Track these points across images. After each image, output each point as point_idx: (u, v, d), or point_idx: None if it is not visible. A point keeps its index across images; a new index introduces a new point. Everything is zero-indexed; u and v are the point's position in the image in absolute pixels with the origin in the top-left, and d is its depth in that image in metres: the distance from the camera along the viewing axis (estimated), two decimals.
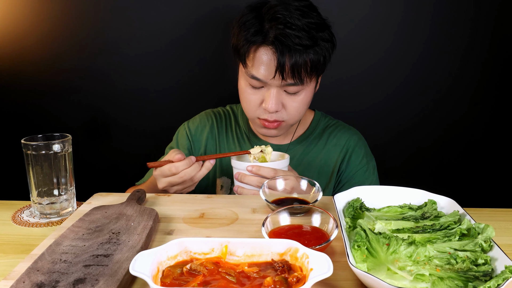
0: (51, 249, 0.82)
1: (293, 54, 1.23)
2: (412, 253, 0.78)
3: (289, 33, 1.22)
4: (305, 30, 1.23)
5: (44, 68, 1.90)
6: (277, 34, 1.23)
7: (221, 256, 0.75)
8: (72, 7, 1.83)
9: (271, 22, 1.25)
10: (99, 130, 1.97)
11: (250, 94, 1.34)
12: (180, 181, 1.22)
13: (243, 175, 1.22)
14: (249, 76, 1.30)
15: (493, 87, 1.89)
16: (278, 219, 0.92)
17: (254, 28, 1.27)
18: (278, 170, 1.20)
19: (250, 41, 1.27)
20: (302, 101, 1.34)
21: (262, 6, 1.30)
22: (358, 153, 1.50)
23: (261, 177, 1.19)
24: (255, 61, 1.28)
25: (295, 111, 1.35)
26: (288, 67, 1.24)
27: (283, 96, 1.32)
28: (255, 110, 1.36)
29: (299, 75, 1.26)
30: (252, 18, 1.28)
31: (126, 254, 0.80)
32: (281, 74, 1.24)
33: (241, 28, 1.29)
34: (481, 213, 1.10)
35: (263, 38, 1.25)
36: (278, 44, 1.23)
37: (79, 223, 0.94)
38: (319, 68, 1.31)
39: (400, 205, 0.99)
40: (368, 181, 1.47)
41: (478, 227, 0.83)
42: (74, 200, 1.14)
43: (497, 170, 1.98)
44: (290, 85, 1.28)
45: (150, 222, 0.94)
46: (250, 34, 1.26)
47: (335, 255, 0.85)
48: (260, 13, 1.29)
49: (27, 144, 1.06)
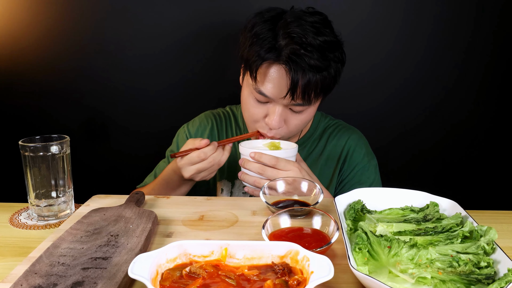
0: (49, 252, 0.82)
1: (307, 75, 1.22)
2: (414, 256, 0.78)
3: (303, 53, 1.20)
4: (319, 51, 1.22)
5: (41, 68, 1.90)
6: (291, 53, 1.21)
7: (221, 259, 0.75)
8: (70, 7, 1.83)
9: (285, 39, 1.23)
10: (97, 131, 1.97)
11: (253, 107, 1.34)
12: (209, 166, 1.25)
13: (246, 161, 1.23)
14: (256, 91, 1.29)
15: (496, 88, 1.89)
16: (278, 222, 0.92)
17: (268, 43, 1.24)
18: (280, 159, 1.20)
19: (263, 58, 1.24)
20: (304, 119, 1.34)
21: (276, 17, 1.28)
22: (359, 152, 1.50)
23: (263, 164, 1.20)
24: (265, 78, 1.26)
25: (295, 128, 1.36)
26: (300, 88, 1.23)
27: (287, 113, 1.32)
28: (256, 123, 1.36)
29: (309, 96, 1.25)
30: (266, 31, 1.26)
31: (125, 257, 0.80)
32: (292, 95, 1.24)
33: (254, 41, 1.26)
34: (484, 215, 1.10)
35: (276, 55, 1.23)
36: (292, 64, 1.21)
37: (77, 226, 0.94)
38: (329, 89, 1.31)
39: (401, 207, 1.00)
40: (370, 180, 1.47)
41: (480, 229, 0.83)
42: (72, 202, 1.14)
43: (499, 172, 1.98)
44: (298, 105, 1.28)
45: (149, 225, 0.94)
46: (264, 50, 1.24)
47: (336, 258, 0.85)
48: (274, 26, 1.26)
49: (25, 145, 1.06)
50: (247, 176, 1.23)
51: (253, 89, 1.30)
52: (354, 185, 1.45)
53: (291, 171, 1.19)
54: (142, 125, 1.96)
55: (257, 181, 1.21)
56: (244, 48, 1.30)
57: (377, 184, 1.48)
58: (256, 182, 1.21)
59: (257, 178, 1.21)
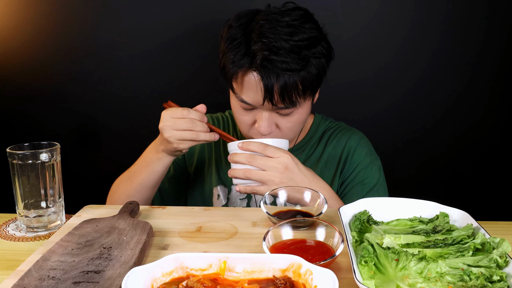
0: (38, 265, 0.83)
1: (281, 78, 1.22)
2: (422, 269, 0.78)
3: (275, 59, 1.21)
4: (294, 52, 1.22)
5: (30, 72, 1.91)
6: (262, 59, 1.21)
7: (220, 273, 0.75)
8: (59, 7, 1.84)
9: (257, 44, 1.23)
10: (89, 138, 1.98)
11: (241, 114, 1.35)
12: (184, 126, 1.24)
13: (234, 154, 1.23)
14: (239, 99, 1.30)
15: (509, 92, 1.89)
16: (280, 233, 0.92)
17: (241, 50, 1.25)
18: (270, 146, 1.20)
19: (237, 65, 1.25)
20: (296, 121, 1.34)
21: (251, 19, 1.28)
22: (360, 151, 1.48)
23: (251, 152, 1.20)
24: (243, 86, 1.27)
25: (290, 131, 1.35)
26: (277, 93, 1.23)
27: (276, 117, 1.32)
28: (248, 130, 1.36)
29: (290, 99, 1.25)
30: (240, 36, 1.27)
31: (118, 270, 0.81)
32: (270, 101, 1.24)
33: (229, 47, 1.27)
34: (496, 226, 1.10)
35: (250, 62, 1.24)
36: (263, 71, 1.21)
37: (68, 237, 0.94)
38: (313, 86, 1.30)
39: (410, 218, 1.00)
40: (374, 180, 1.45)
41: (493, 241, 0.83)
42: (62, 212, 1.15)
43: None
44: (282, 108, 1.28)
45: (144, 236, 0.94)
46: (237, 57, 1.25)
47: (341, 272, 0.85)
48: (247, 30, 1.27)
49: (13, 153, 1.06)
50: (236, 171, 1.23)
51: (236, 97, 1.31)
52: (356, 186, 1.45)
53: (282, 157, 1.19)
54: (137, 131, 1.96)
55: (247, 171, 1.20)
56: (221, 55, 1.31)
57: (382, 186, 1.46)
58: (246, 172, 1.20)
59: (247, 169, 1.21)
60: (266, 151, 1.19)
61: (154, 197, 1.47)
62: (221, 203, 1.49)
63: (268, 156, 1.19)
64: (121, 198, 1.41)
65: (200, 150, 1.55)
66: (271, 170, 1.19)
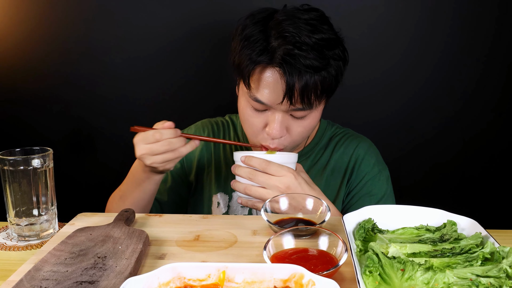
0: (30, 275, 0.83)
1: (303, 76, 1.22)
2: (429, 280, 0.78)
3: (298, 53, 1.20)
4: (316, 50, 1.22)
5: (22, 75, 1.91)
6: (285, 55, 1.21)
7: (219, 283, 0.75)
8: (52, 7, 1.84)
9: (278, 40, 1.23)
10: (83, 143, 1.98)
11: (252, 116, 1.34)
12: (162, 149, 1.23)
13: (237, 166, 1.23)
14: (252, 99, 1.29)
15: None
16: (281, 242, 0.92)
17: (259, 46, 1.25)
18: (272, 163, 1.20)
19: (255, 61, 1.25)
20: (308, 125, 1.34)
21: (268, 18, 1.29)
22: (368, 160, 1.48)
23: (253, 169, 1.20)
24: (260, 83, 1.26)
25: (299, 136, 1.35)
26: (298, 92, 1.23)
27: (289, 120, 1.31)
28: (258, 134, 1.35)
29: (309, 99, 1.25)
30: (258, 33, 1.26)
31: (113, 281, 0.81)
32: (290, 99, 1.23)
33: (245, 44, 1.27)
34: (506, 235, 1.09)
35: (269, 58, 1.23)
36: (286, 66, 1.21)
37: (61, 247, 0.94)
38: (331, 89, 1.31)
39: (416, 227, 1.00)
40: (381, 192, 1.45)
41: (502, 250, 0.84)
42: (55, 221, 1.15)
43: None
44: (298, 110, 1.28)
45: (140, 245, 0.94)
46: (256, 53, 1.24)
47: (345, 282, 0.85)
48: (266, 27, 1.27)
49: (4, 159, 1.07)
50: (237, 184, 1.23)
51: (249, 97, 1.30)
52: (363, 197, 1.45)
53: (285, 177, 1.19)
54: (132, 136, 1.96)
55: (247, 188, 1.21)
56: (235, 53, 1.31)
57: (390, 197, 1.47)
58: (246, 189, 1.21)
59: (247, 185, 1.21)
60: (268, 169, 1.20)
61: (152, 208, 1.48)
62: (221, 211, 1.49)
63: (270, 175, 1.20)
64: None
65: (199, 157, 1.55)
66: (272, 189, 1.19)
